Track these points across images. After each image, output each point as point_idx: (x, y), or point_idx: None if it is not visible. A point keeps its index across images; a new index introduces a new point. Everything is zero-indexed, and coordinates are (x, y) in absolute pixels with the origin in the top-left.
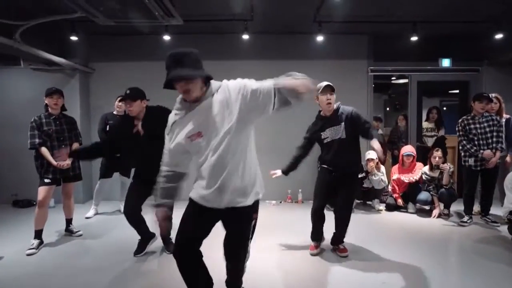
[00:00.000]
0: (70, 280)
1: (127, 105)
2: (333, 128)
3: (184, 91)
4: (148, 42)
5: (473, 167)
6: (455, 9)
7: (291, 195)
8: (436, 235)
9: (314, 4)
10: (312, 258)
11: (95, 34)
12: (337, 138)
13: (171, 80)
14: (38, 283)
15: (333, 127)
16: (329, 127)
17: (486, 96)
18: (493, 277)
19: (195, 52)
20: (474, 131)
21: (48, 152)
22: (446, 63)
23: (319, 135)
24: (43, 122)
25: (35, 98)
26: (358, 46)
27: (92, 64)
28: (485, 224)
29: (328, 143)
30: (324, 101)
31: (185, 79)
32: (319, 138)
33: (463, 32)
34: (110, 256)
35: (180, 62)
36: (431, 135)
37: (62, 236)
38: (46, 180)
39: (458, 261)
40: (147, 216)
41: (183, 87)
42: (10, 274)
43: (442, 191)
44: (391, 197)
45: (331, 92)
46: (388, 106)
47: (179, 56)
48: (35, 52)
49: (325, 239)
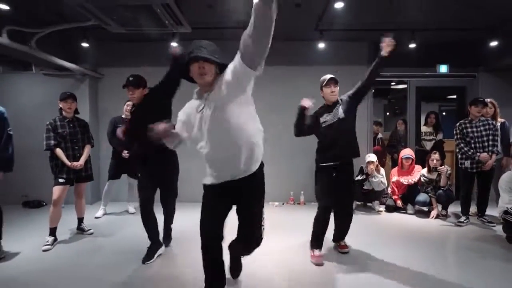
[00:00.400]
0: (84, 274)
1: (130, 92)
2: (331, 113)
3: (200, 73)
4: (155, 49)
5: (469, 169)
6: (451, 18)
7: (294, 197)
8: (434, 235)
9: (315, 14)
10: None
11: (104, 41)
12: (336, 120)
13: (193, 58)
14: (54, 276)
15: (331, 112)
16: (327, 113)
17: (481, 100)
18: (488, 272)
19: (215, 45)
20: (471, 135)
21: (62, 153)
22: (443, 69)
23: (318, 120)
24: (58, 125)
25: (46, 102)
26: (358, 53)
27: (101, 69)
28: (481, 224)
29: (327, 127)
30: (328, 92)
31: (204, 60)
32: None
33: (460, 39)
34: (120, 254)
35: (202, 48)
36: (430, 139)
37: (74, 234)
38: (60, 180)
39: (455, 259)
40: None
41: (199, 67)
42: (28, 268)
43: (440, 193)
44: (391, 198)
45: (335, 84)
46: (388, 111)
47: (202, 43)
48: (49, 58)
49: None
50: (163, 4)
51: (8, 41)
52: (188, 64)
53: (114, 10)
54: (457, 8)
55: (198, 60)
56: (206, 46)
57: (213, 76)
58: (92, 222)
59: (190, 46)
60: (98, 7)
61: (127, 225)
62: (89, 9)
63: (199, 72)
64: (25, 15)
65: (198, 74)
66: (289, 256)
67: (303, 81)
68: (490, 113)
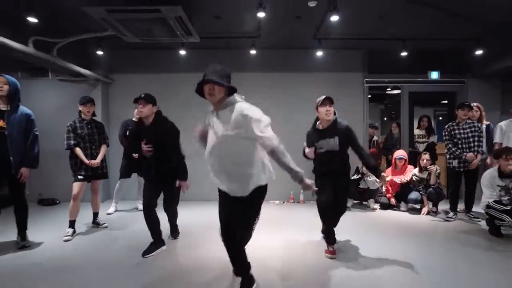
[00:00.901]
0: (102, 261)
1: (140, 105)
2: (327, 141)
3: (209, 93)
4: (163, 56)
5: (456, 168)
6: (440, 28)
7: (294, 196)
8: (424, 229)
9: (314, 24)
10: (313, 250)
11: (116, 48)
12: (331, 150)
13: (203, 81)
14: (75, 262)
15: (326, 139)
16: (323, 139)
17: (467, 104)
18: (470, 259)
19: (228, 69)
20: (458, 136)
21: (81, 152)
22: (434, 75)
23: (314, 145)
24: (77, 126)
25: (61, 107)
26: (354, 60)
27: (112, 75)
28: (468, 219)
29: (322, 153)
30: (323, 112)
31: (213, 82)
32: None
33: (449, 47)
34: (133, 244)
35: (215, 72)
36: (422, 141)
37: (90, 227)
38: (79, 176)
39: (442, 249)
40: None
41: (210, 88)
42: (52, 255)
43: (430, 191)
44: (385, 197)
45: (330, 104)
46: (384, 115)
47: (216, 68)
48: (68, 65)
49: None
50: (176, 17)
51: (33, 50)
52: (202, 84)
53: (131, 22)
54: (445, 19)
55: (209, 82)
56: (218, 71)
57: (221, 96)
58: (105, 218)
59: (206, 69)
60: (117, 19)
61: (137, 221)
62: (109, 21)
63: (208, 92)
64: (48, 26)
65: (207, 94)
66: (289, 248)
67: (302, 86)
68: (476, 116)
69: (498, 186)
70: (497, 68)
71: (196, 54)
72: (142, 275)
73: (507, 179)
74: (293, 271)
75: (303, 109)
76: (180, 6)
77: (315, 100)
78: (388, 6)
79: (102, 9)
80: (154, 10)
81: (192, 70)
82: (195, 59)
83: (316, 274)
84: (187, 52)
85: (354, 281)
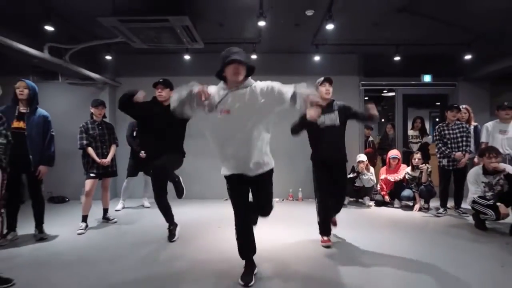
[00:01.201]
0: (115, 252)
1: (159, 89)
2: (329, 115)
3: (235, 72)
4: (168, 60)
5: (446, 166)
6: (432, 34)
7: (292, 194)
8: (416, 224)
9: (311, 31)
10: (311, 243)
11: (123, 53)
12: (334, 124)
13: (230, 60)
14: (90, 253)
15: (328, 114)
16: (325, 114)
17: (456, 106)
18: (456, 249)
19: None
20: (448, 136)
21: (93, 152)
22: (427, 79)
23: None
24: (89, 127)
25: (70, 109)
26: (350, 64)
27: (119, 79)
28: (457, 215)
29: (324, 128)
30: (323, 91)
31: (241, 62)
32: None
33: (441, 52)
34: (142, 237)
35: (238, 53)
36: (416, 141)
37: (101, 222)
38: (91, 174)
39: (431, 241)
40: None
41: (237, 68)
42: (67, 247)
43: (422, 188)
44: (379, 194)
45: (329, 84)
46: (381, 116)
47: (237, 50)
48: (79, 70)
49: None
50: (183, 26)
51: (48, 56)
52: (224, 65)
53: (140, 30)
54: (436, 27)
55: (234, 62)
56: (240, 52)
57: (243, 76)
58: (113, 214)
59: (225, 52)
60: (128, 28)
61: (144, 217)
62: (120, 29)
63: (234, 72)
64: (61, 32)
65: (233, 74)
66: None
67: None
68: (465, 117)
69: (483, 182)
70: (486, 72)
71: (200, 58)
72: (152, 265)
73: (491, 176)
74: (292, 263)
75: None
76: (187, 16)
77: None
78: (382, 14)
79: (115, 19)
80: (163, 19)
81: (195, 73)
82: (198, 63)
83: (314, 265)
84: (191, 57)
85: (349, 272)
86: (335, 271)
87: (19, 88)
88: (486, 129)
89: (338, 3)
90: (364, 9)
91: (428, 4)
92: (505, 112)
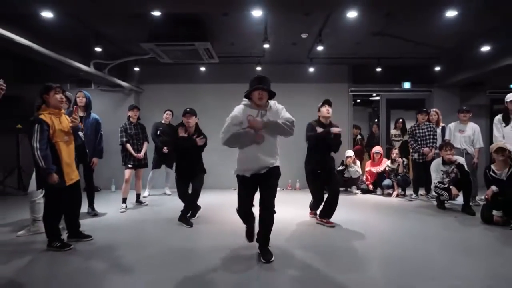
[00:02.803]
0: (153, 225)
1: (187, 118)
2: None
3: (260, 97)
4: (186, 70)
5: (417, 160)
6: (405, 50)
7: (291, 184)
8: (394, 207)
9: (306, 48)
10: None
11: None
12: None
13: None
14: (132, 225)
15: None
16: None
17: (424, 110)
18: (422, 222)
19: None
20: (418, 135)
21: (130, 147)
22: (407, 85)
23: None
24: (127, 127)
25: (102, 111)
26: (340, 73)
27: (142, 86)
28: (426, 200)
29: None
30: (324, 111)
31: (266, 90)
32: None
33: (416, 63)
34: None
35: (263, 81)
36: (398, 139)
37: (135, 205)
38: (129, 165)
39: (405, 219)
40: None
41: (261, 94)
42: (114, 221)
43: (399, 178)
44: (365, 184)
45: (329, 105)
46: (372, 117)
47: (263, 78)
48: (113, 80)
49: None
50: (205, 49)
51: (94, 71)
52: (252, 90)
53: (170, 51)
54: (406, 44)
55: (259, 89)
56: (266, 80)
57: (266, 100)
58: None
59: (254, 79)
60: (161, 49)
61: (168, 202)
62: (155, 50)
63: (258, 97)
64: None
65: (258, 98)
66: (289, 222)
67: (297, 95)
68: (435, 119)
69: (441, 171)
70: (455, 80)
71: (213, 68)
72: (178, 237)
73: (448, 166)
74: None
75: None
76: (209, 42)
77: (309, 105)
78: (361, 37)
79: (153, 44)
80: (190, 44)
81: (209, 81)
82: (212, 72)
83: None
84: (206, 67)
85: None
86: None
87: (79, 97)
88: (449, 129)
89: (326, 29)
90: (347, 33)
91: (397, 28)
92: (463, 115)
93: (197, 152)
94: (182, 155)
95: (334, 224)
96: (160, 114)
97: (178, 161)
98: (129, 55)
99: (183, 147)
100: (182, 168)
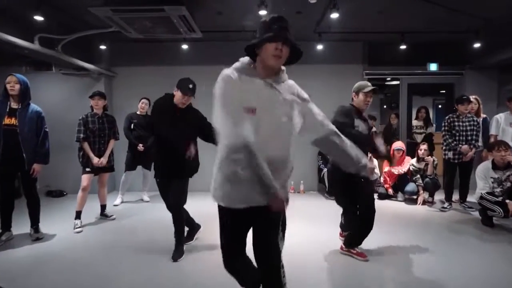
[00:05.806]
0: (113, 251)
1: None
2: (364, 122)
3: (277, 54)
4: (164, 49)
5: (451, 159)
6: (438, 22)
7: (294, 186)
8: (420, 218)
9: (314, 19)
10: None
11: (117, 42)
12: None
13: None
14: (88, 255)
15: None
16: (360, 119)
17: (466, 98)
18: (462, 247)
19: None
20: (457, 128)
21: (88, 147)
22: (433, 67)
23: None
24: (89, 120)
25: (64, 100)
26: (354, 52)
27: (114, 69)
28: (462, 209)
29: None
30: (363, 100)
31: (289, 44)
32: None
33: (448, 40)
34: (142, 234)
35: (287, 29)
36: (420, 132)
37: (98, 219)
38: (87, 169)
39: (436, 237)
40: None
41: (277, 48)
42: (66, 246)
43: (427, 181)
44: (383, 187)
45: (371, 96)
46: (384, 104)
47: (287, 23)
48: (72, 60)
49: None
50: (180, 16)
51: (39, 47)
52: (264, 41)
53: (135, 20)
54: (442, 14)
55: (280, 40)
56: (290, 28)
57: (283, 61)
58: (111, 209)
59: (270, 20)
60: (122, 18)
61: (144, 211)
62: (114, 19)
63: (275, 54)
64: (52, 22)
65: (272, 55)
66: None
67: (302, 78)
68: (475, 108)
69: (492, 178)
70: (495, 60)
71: (197, 47)
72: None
73: (500, 172)
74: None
75: None
76: (184, 6)
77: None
78: (387, 1)
79: (107, 9)
80: (158, 9)
81: (193, 63)
82: (195, 52)
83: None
84: (188, 46)
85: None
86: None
87: (9, 83)
88: (496, 121)
89: None
90: None
91: None
92: None
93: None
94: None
95: (367, 257)
96: (137, 103)
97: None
98: (87, 28)
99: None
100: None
